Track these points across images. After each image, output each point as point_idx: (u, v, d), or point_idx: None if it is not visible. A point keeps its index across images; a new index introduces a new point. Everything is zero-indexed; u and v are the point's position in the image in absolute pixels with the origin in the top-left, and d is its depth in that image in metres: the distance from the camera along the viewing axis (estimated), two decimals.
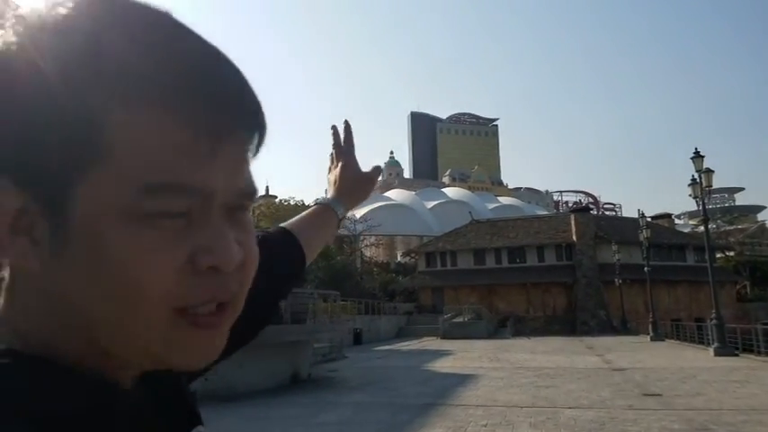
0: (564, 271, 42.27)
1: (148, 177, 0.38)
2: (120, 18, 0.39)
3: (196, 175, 0.39)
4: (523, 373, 14.81)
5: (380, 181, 73.38)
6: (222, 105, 0.40)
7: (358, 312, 34.80)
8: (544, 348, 24.51)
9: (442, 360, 19.18)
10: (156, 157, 0.38)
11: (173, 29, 0.41)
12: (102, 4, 0.39)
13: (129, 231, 0.38)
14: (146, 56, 0.38)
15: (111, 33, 0.38)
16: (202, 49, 0.41)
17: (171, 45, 0.39)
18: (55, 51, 0.37)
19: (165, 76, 0.38)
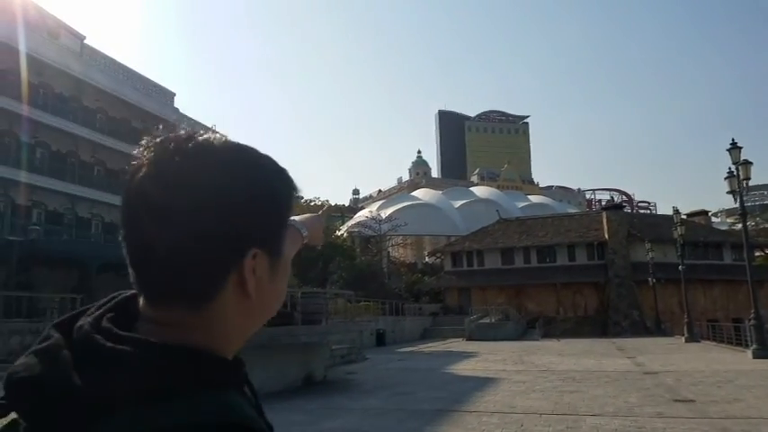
0: (595, 270, 41.03)
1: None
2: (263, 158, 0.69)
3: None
4: (547, 376, 14.14)
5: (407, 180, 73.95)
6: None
7: (382, 313, 34.42)
8: (573, 350, 23.67)
9: (465, 362, 18.58)
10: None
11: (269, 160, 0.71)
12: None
13: (287, 269, 0.71)
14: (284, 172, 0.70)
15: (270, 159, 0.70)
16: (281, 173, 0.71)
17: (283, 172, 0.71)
18: (259, 161, 0.68)
19: (290, 190, 0.70)
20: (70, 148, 33.91)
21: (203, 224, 0.60)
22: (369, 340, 29.38)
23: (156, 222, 0.59)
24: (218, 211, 0.60)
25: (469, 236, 47.87)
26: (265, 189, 0.65)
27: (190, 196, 0.60)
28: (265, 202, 0.65)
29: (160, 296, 0.62)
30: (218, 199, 0.61)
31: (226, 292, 0.62)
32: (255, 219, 0.63)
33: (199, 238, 0.60)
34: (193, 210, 0.60)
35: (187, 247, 0.59)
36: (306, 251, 13.12)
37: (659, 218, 48.10)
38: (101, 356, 0.56)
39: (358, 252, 50.51)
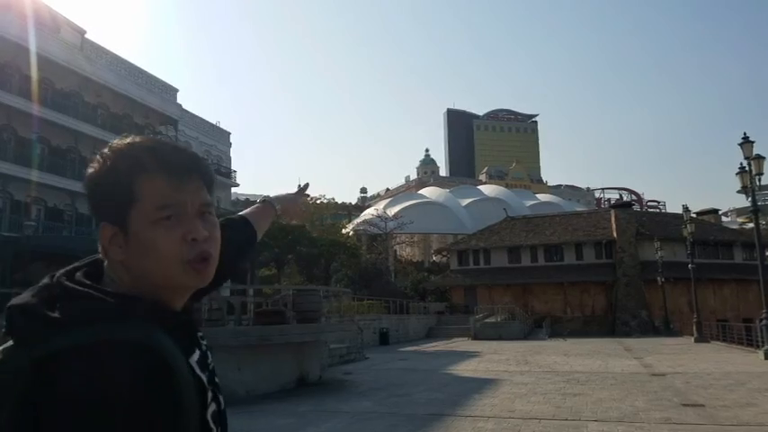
0: (603, 269, 40.32)
1: (157, 202, 0.88)
2: (146, 141, 0.94)
3: (177, 196, 0.89)
4: (551, 378, 13.58)
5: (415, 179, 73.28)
6: (182, 167, 0.91)
7: (386, 312, 33.90)
8: (579, 350, 23.06)
9: (466, 362, 18.04)
10: (158, 193, 0.88)
11: (165, 144, 0.95)
12: (138, 140, 0.95)
13: (153, 229, 0.87)
14: (152, 154, 0.91)
15: (141, 147, 0.92)
16: (175, 149, 0.95)
17: (162, 150, 0.92)
18: (118, 155, 0.92)
19: (158, 162, 0.90)
20: (71, 143, 33.62)
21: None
22: (372, 339, 28.89)
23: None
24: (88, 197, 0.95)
25: (476, 234, 47.25)
26: (110, 176, 0.91)
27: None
28: (106, 186, 0.91)
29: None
30: (88, 186, 0.95)
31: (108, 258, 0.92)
32: (99, 201, 0.93)
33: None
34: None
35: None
36: (308, 248, 12.66)
37: (668, 216, 47.28)
38: (64, 293, 0.84)
39: (364, 250, 50.08)
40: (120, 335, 0.78)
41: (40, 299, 0.84)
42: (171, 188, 0.89)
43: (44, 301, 0.83)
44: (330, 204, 61.22)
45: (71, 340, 0.77)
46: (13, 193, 30.29)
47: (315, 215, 52.71)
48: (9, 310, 0.84)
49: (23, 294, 0.86)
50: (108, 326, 0.79)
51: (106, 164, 0.91)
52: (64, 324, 0.79)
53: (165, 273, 0.88)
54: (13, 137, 30.87)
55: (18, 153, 30.35)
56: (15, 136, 30.95)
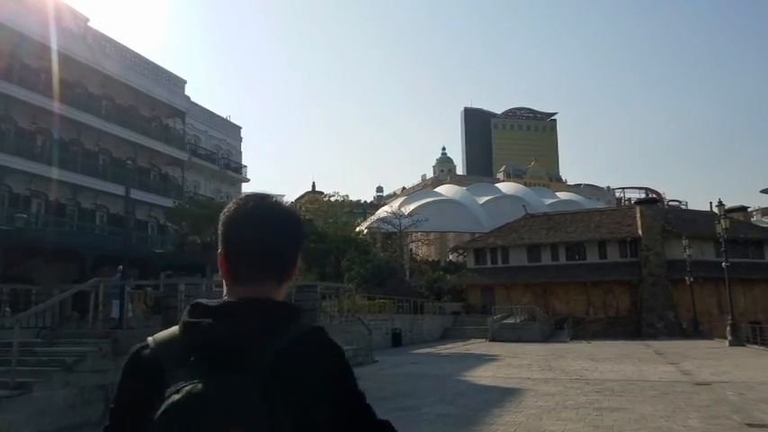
0: (628, 268, 38.21)
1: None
2: (235, 207, 1.17)
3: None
4: (581, 387, 11.84)
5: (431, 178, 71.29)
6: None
7: (399, 311, 32.29)
8: (606, 354, 21.23)
9: (484, 367, 16.32)
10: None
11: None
12: (239, 200, 1.19)
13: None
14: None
15: (227, 215, 1.17)
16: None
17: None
18: (226, 211, 1.18)
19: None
20: (73, 135, 32.49)
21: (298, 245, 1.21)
22: (384, 340, 27.32)
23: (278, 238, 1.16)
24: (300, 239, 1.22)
25: (493, 231, 45.32)
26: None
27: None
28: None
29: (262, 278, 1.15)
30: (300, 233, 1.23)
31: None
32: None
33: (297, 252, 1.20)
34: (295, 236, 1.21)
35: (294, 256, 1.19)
36: (316, 243, 10.53)
37: (695, 213, 44.92)
38: (267, 308, 1.09)
39: (378, 248, 48.47)
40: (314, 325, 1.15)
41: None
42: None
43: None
44: (344, 202, 59.77)
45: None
46: (12, 186, 29.19)
47: (328, 213, 51.26)
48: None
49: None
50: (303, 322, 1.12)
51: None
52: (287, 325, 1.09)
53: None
54: (13, 127, 29.77)
55: (17, 144, 29.27)
56: (15, 126, 29.86)
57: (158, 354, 1.05)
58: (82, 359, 9.43)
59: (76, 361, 9.32)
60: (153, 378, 1.00)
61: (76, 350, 9.69)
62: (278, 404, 0.96)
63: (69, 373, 9.13)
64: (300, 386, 1.00)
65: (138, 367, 1.07)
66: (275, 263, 1.14)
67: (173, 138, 40.25)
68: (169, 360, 1.02)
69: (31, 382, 8.57)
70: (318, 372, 1.04)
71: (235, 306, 1.07)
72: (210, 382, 0.94)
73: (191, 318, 1.05)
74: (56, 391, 8.87)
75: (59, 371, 9.02)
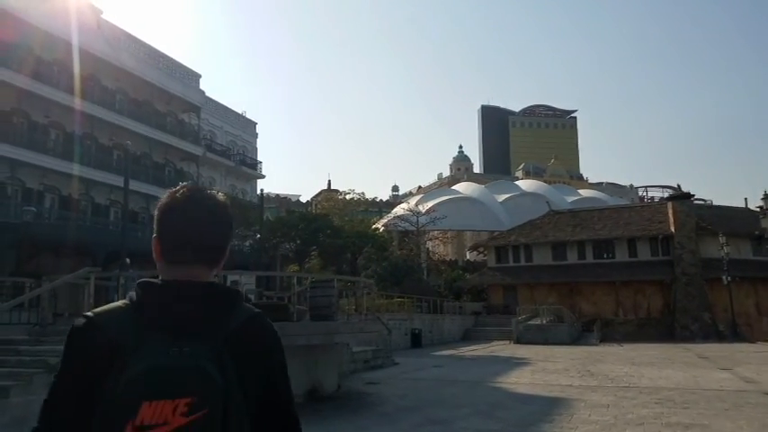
0: (660, 267, 36.39)
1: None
2: (177, 194, 1.24)
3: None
4: (635, 396, 10.43)
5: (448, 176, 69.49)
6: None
7: (418, 311, 31.05)
8: (646, 358, 19.71)
9: (517, 372, 14.93)
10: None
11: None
12: (175, 189, 1.26)
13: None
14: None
15: (162, 204, 1.23)
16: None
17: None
18: (163, 199, 1.25)
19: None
20: (86, 129, 31.72)
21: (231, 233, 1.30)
22: (402, 341, 26.07)
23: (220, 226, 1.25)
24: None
25: (515, 229, 43.66)
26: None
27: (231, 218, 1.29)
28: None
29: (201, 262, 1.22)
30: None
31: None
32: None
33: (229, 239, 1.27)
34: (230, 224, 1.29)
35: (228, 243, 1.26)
36: (332, 239, 8.94)
37: (730, 210, 42.91)
38: (215, 290, 1.18)
39: (395, 246, 47.22)
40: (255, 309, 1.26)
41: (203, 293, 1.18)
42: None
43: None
44: (360, 200, 58.66)
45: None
46: (25, 180, 28.49)
47: (344, 210, 50.18)
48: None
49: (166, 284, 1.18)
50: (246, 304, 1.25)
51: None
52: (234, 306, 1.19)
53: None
54: (26, 120, 29.08)
55: (30, 138, 28.57)
56: (28, 120, 29.16)
57: (109, 329, 1.08)
58: None
59: None
60: (106, 352, 1.04)
61: (62, 349, 8.55)
62: (230, 377, 1.05)
63: (52, 375, 7.99)
64: (248, 364, 1.09)
65: (88, 341, 1.09)
66: (207, 249, 1.21)
67: (188, 133, 39.46)
68: (123, 333, 1.06)
69: (8, 385, 7.45)
70: (263, 354, 1.14)
71: (184, 286, 1.13)
72: (170, 355, 1.02)
73: (145, 296, 1.11)
74: (36, 395, 7.72)
75: (41, 372, 7.89)
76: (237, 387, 1.06)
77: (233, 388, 1.05)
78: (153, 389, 0.99)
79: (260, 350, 1.13)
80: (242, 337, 1.10)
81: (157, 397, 0.98)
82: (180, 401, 0.99)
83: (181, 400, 0.99)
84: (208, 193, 1.25)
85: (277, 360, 1.17)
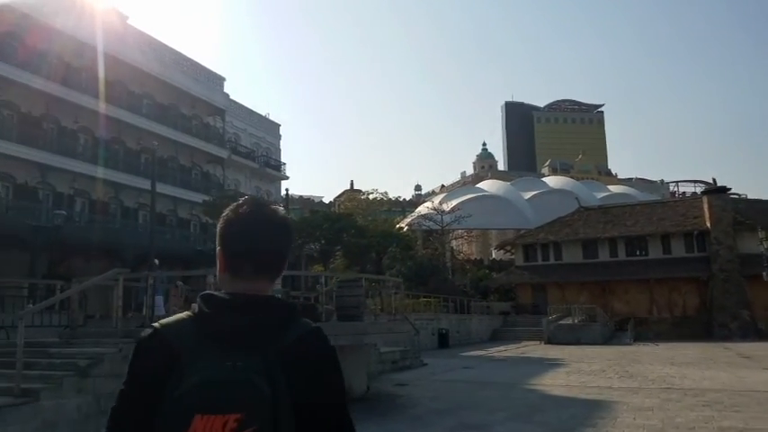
0: (696, 264, 35.31)
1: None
2: (240, 209, 1.26)
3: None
4: (680, 399, 9.95)
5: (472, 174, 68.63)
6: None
7: (445, 311, 30.68)
8: (685, 358, 19.04)
9: (552, 374, 14.48)
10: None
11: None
12: (239, 204, 1.28)
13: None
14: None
15: (226, 217, 1.26)
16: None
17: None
18: (227, 213, 1.27)
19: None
20: (114, 134, 32.12)
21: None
22: (430, 341, 25.74)
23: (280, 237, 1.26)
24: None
25: (544, 227, 42.86)
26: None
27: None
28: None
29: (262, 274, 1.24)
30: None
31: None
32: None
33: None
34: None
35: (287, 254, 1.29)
36: (356, 239, 8.73)
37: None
38: (269, 303, 1.20)
39: (419, 245, 46.86)
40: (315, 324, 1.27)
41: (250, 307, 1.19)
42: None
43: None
44: (383, 200, 58.40)
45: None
46: (55, 185, 28.96)
47: (367, 210, 50.00)
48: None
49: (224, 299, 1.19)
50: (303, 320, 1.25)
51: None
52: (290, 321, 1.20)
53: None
54: (56, 126, 29.56)
55: (60, 143, 29.03)
56: (57, 125, 29.64)
57: (171, 340, 1.12)
58: (98, 362, 8.18)
59: (92, 364, 8.08)
60: (168, 362, 1.08)
61: (93, 351, 8.47)
62: (281, 392, 1.05)
63: (83, 378, 7.90)
64: (300, 379, 1.09)
65: (152, 351, 1.12)
66: (270, 263, 1.24)
67: (213, 136, 39.75)
68: (184, 346, 1.10)
69: (38, 388, 7.35)
70: (316, 369, 1.13)
71: (244, 300, 1.15)
72: (224, 369, 1.04)
73: (206, 308, 1.14)
74: (67, 399, 7.64)
75: (71, 375, 7.80)
76: (288, 402, 1.06)
77: (283, 403, 1.05)
78: (205, 403, 1.01)
79: (313, 365, 1.12)
80: (295, 352, 1.11)
81: (209, 411, 1.01)
82: (230, 417, 1.00)
83: (231, 416, 1.00)
84: (270, 208, 1.28)
85: (331, 376, 1.15)
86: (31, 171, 27.49)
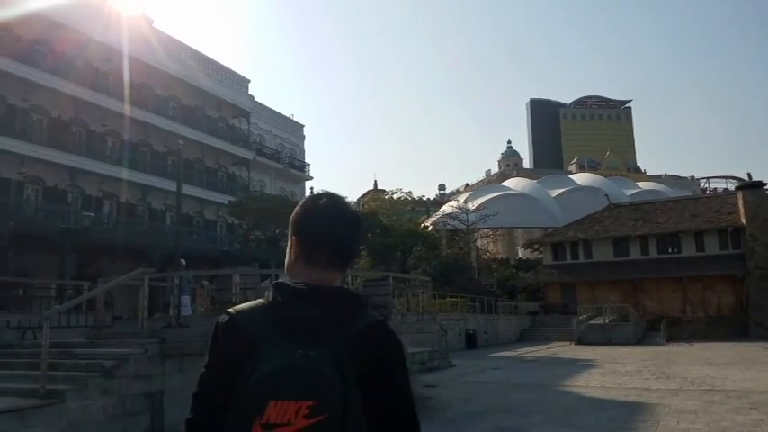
0: (730, 261, 34.24)
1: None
2: (318, 201, 1.33)
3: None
4: (724, 400, 9.48)
5: (497, 173, 67.77)
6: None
7: (471, 311, 30.25)
8: (722, 359, 18.35)
9: (585, 375, 14.03)
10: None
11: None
12: (314, 196, 1.36)
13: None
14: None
15: (304, 207, 1.33)
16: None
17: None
18: (303, 204, 1.35)
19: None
20: (141, 137, 32.48)
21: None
22: (457, 342, 25.39)
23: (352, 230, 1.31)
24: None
25: (573, 224, 42.05)
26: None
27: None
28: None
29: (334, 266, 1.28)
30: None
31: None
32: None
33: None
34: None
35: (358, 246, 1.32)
36: (382, 238, 8.44)
37: None
38: (341, 293, 1.24)
39: (444, 244, 46.43)
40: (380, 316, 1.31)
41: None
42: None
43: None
44: (407, 200, 58.10)
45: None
46: (84, 188, 29.37)
47: (391, 210, 49.74)
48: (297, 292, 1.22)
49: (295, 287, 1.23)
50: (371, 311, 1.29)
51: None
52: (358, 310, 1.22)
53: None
54: (84, 129, 29.99)
55: (88, 146, 29.44)
56: (86, 129, 30.07)
57: (247, 326, 1.16)
58: (124, 363, 8.10)
59: (117, 365, 7.99)
60: (244, 347, 1.12)
61: (118, 352, 8.38)
62: (350, 382, 1.08)
63: (108, 379, 7.81)
64: (368, 370, 1.12)
65: (232, 336, 1.17)
66: (342, 253, 1.28)
67: (238, 137, 39.97)
68: (259, 332, 1.14)
69: (63, 389, 7.27)
70: (383, 360, 1.15)
71: (317, 290, 1.19)
72: (296, 357, 1.08)
73: (279, 297, 1.19)
74: (92, 400, 7.55)
75: (97, 376, 7.71)
76: (357, 392, 1.09)
77: (352, 393, 1.08)
78: (279, 389, 1.04)
79: (380, 356, 1.15)
80: (363, 343, 1.13)
81: (283, 398, 1.04)
82: (303, 404, 1.03)
83: (303, 403, 1.03)
84: (345, 202, 1.34)
85: (397, 367, 1.18)
86: (60, 174, 27.89)
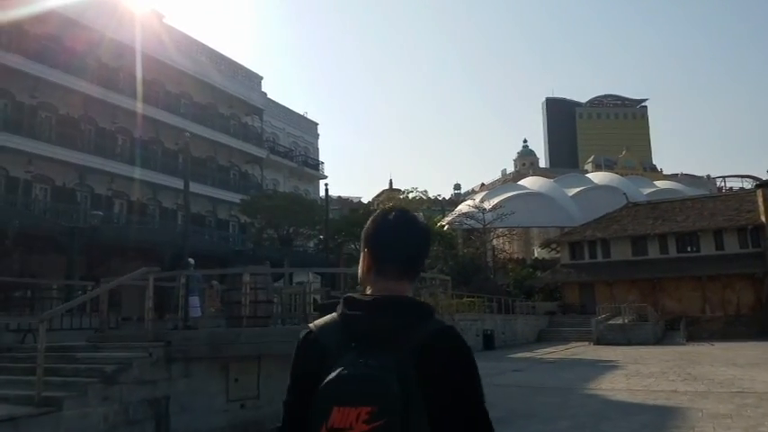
0: (750, 260, 33.32)
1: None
2: (389, 216, 1.36)
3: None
4: (758, 403, 8.88)
5: (512, 172, 66.94)
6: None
7: (489, 311, 29.70)
8: (747, 359, 17.69)
9: (609, 377, 13.45)
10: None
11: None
12: (385, 211, 1.40)
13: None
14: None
15: (375, 222, 1.37)
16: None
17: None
18: (374, 219, 1.39)
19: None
20: (152, 134, 32.21)
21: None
22: (474, 343, 24.85)
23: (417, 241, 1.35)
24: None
25: (590, 223, 41.27)
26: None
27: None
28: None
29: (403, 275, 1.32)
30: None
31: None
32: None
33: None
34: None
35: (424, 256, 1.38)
36: None
37: None
38: (405, 303, 1.26)
39: (460, 244, 45.85)
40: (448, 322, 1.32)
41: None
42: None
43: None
44: (423, 199, 57.60)
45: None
46: (94, 186, 29.12)
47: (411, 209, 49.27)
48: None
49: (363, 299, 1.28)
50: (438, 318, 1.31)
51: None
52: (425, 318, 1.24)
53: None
54: (93, 127, 29.75)
55: (98, 144, 29.19)
56: (95, 126, 29.82)
57: (323, 339, 1.23)
58: (126, 367, 7.68)
59: (119, 370, 7.57)
60: (320, 358, 1.19)
61: (120, 356, 7.97)
62: (413, 390, 1.11)
63: (109, 385, 7.38)
64: (433, 376, 1.14)
65: (309, 349, 1.24)
66: (411, 265, 1.33)
67: (251, 135, 39.57)
68: (332, 344, 1.20)
69: (61, 396, 6.86)
70: (449, 367, 1.16)
71: (383, 301, 1.24)
72: (357, 365, 1.13)
73: (348, 310, 1.24)
74: (92, 407, 7.13)
75: (97, 382, 7.30)
76: (419, 399, 1.11)
77: (414, 399, 1.10)
78: (341, 396, 1.09)
79: (446, 363, 1.16)
80: (429, 350, 1.15)
81: (345, 404, 1.08)
82: (362, 410, 1.07)
83: (363, 409, 1.07)
84: (413, 216, 1.38)
85: (465, 373, 1.18)
86: (70, 173, 27.59)
